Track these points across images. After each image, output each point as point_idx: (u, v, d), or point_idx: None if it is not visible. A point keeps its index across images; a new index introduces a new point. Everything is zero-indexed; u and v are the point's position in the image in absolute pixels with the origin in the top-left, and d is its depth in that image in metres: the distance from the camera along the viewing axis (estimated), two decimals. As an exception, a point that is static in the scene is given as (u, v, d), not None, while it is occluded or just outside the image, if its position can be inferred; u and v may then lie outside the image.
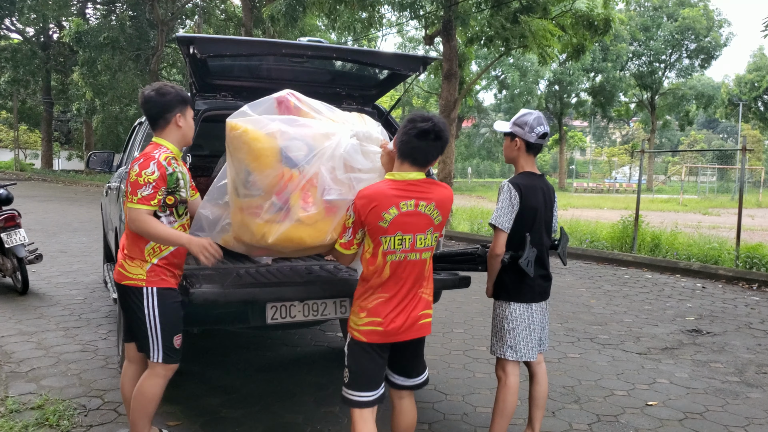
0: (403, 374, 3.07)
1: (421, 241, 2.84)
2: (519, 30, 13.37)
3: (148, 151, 3.20)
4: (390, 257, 2.81)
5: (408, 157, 2.86)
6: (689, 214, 22.12)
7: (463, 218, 15.93)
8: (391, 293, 2.84)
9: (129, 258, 3.22)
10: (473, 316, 6.87)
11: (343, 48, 4.40)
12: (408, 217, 2.80)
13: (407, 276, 2.85)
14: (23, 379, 4.60)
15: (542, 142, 3.48)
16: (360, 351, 2.91)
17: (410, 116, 2.89)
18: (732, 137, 75.48)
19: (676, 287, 8.87)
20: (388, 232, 2.78)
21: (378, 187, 2.85)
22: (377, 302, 2.85)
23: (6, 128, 51.51)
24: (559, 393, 4.62)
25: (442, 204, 2.89)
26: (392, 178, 2.88)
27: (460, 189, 39.46)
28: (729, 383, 4.95)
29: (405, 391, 3.11)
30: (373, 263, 2.84)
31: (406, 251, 2.82)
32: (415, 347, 3.05)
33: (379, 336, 2.86)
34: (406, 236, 2.80)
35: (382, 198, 2.79)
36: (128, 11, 33.14)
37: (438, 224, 2.89)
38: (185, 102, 3.28)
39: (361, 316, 2.88)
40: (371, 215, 2.78)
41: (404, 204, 2.79)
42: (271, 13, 14.64)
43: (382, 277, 2.83)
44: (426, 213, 2.84)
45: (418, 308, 2.90)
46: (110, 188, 6.24)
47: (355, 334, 2.91)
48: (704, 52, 42.91)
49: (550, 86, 45.47)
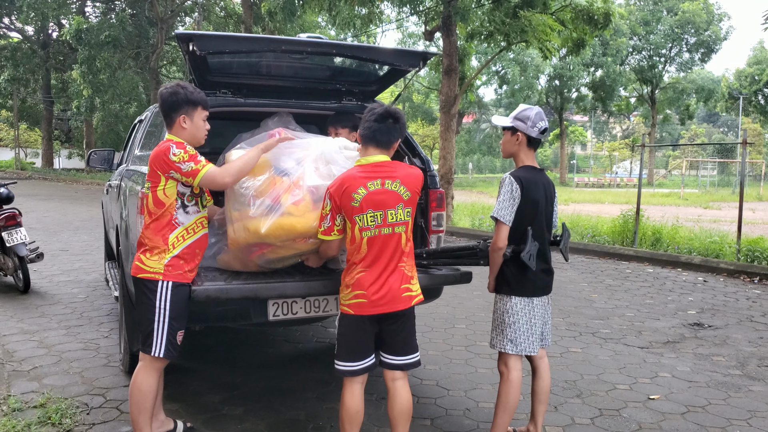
0: (392, 352, 3.21)
1: (392, 215, 3.10)
2: (519, 25, 13.34)
3: (166, 143, 3.29)
4: (365, 233, 3.08)
5: (371, 141, 3.19)
6: (690, 208, 22.13)
7: (464, 214, 15.92)
8: (370, 266, 3.09)
9: (148, 251, 3.28)
10: (475, 311, 6.87)
11: (343, 44, 4.39)
12: (376, 195, 3.08)
13: (383, 249, 3.10)
14: (25, 377, 4.60)
15: (543, 137, 3.50)
16: (347, 323, 3.17)
17: (370, 106, 3.28)
18: (732, 131, 75.42)
19: (677, 281, 8.87)
20: (360, 211, 3.07)
21: (347, 173, 3.18)
22: (359, 276, 3.10)
23: (6, 127, 51.52)
24: (561, 387, 4.62)
25: (407, 180, 3.17)
26: (359, 163, 3.21)
27: (461, 185, 39.44)
28: (731, 376, 4.95)
29: (398, 373, 3.23)
30: (353, 242, 3.12)
31: (380, 226, 3.09)
32: (403, 324, 3.21)
33: (364, 307, 3.09)
34: (377, 212, 3.08)
35: (351, 181, 3.10)
36: (128, 9, 33.12)
37: (408, 199, 3.16)
38: (192, 103, 3.33)
39: (347, 292, 3.15)
40: (344, 198, 3.08)
41: (371, 184, 3.09)
42: (270, 8, 14.62)
43: (360, 253, 3.10)
44: (393, 190, 3.12)
45: (399, 281, 3.12)
46: (111, 186, 6.23)
47: (345, 309, 3.17)
48: (704, 45, 42.89)
49: (550, 81, 45.42)
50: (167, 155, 3.19)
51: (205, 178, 3.23)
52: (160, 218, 3.26)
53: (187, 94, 3.32)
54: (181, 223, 3.30)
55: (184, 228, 3.30)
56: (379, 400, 4.23)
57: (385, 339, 3.20)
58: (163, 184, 3.25)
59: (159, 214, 3.26)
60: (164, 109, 3.35)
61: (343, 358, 3.17)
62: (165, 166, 3.21)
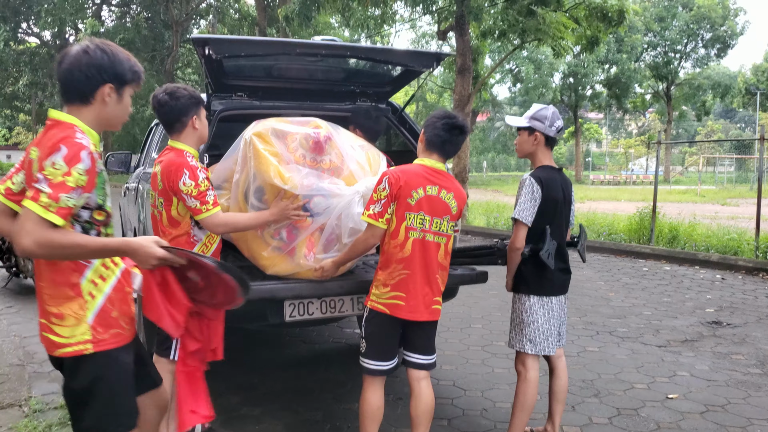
0: (418, 351, 3.22)
1: (437, 224, 3.09)
2: (533, 23, 13.30)
3: (181, 162, 3.11)
4: (412, 234, 3.06)
5: (437, 149, 3.16)
6: (707, 205, 21.92)
7: (479, 212, 15.89)
8: (413, 269, 3.06)
9: None
10: (491, 311, 6.86)
11: (357, 46, 4.42)
12: (432, 200, 3.08)
13: (425, 254, 3.08)
14: (46, 379, 4.66)
15: (559, 136, 3.51)
16: (380, 323, 3.13)
17: (438, 113, 3.23)
18: (750, 126, 74.61)
19: (695, 279, 8.81)
20: (413, 209, 3.05)
21: (411, 167, 3.15)
22: (401, 278, 3.06)
23: (24, 131, 52.11)
24: (578, 387, 4.60)
25: (458, 195, 3.18)
26: (422, 163, 3.17)
27: (476, 183, 39.34)
28: (751, 375, 4.91)
29: (422, 372, 3.23)
30: (396, 237, 3.07)
31: (425, 231, 3.07)
32: (430, 329, 3.25)
33: (401, 310, 3.07)
34: (426, 217, 3.07)
35: (415, 177, 3.08)
36: (143, 12, 33.39)
37: (454, 214, 3.15)
38: (199, 103, 3.25)
39: (385, 291, 3.10)
40: (403, 190, 3.04)
41: (430, 188, 3.08)
42: (286, 14, 14.70)
43: (404, 252, 3.06)
44: (445, 201, 3.11)
45: (432, 292, 3.13)
46: (128, 189, 6.29)
47: (379, 306, 3.11)
48: (720, 41, 42.48)
49: (564, 78, 45.20)
50: (177, 182, 3.05)
51: (202, 221, 3.10)
52: (177, 238, 3.18)
53: (191, 95, 3.22)
54: (200, 239, 3.25)
55: (203, 243, 3.26)
56: (396, 401, 4.24)
57: (412, 340, 3.20)
58: (175, 203, 3.16)
59: (175, 234, 3.18)
60: (173, 114, 3.19)
61: (372, 357, 3.16)
62: (174, 187, 3.08)
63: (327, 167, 3.52)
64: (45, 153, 2.06)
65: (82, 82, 2.17)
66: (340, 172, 3.54)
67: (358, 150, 3.69)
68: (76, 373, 2.21)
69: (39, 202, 1.98)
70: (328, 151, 3.55)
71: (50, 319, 2.18)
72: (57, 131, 2.13)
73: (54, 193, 1.99)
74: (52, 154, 2.04)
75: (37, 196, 1.99)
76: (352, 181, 3.51)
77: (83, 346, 2.18)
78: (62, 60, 2.18)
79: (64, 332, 2.17)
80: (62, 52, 2.25)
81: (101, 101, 2.21)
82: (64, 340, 2.17)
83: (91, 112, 2.21)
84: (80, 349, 2.18)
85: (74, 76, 2.17)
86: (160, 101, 3.20)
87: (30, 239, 1.97)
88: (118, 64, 2.22)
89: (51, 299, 2.18)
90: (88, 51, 2.17)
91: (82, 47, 2.19)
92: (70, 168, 2.03)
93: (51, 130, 2.15)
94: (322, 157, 3.53)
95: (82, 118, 2.19)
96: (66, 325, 2.17)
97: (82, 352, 2.18)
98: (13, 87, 40.50)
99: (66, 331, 2.17)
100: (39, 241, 1.98)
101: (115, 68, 2.21)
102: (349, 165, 3.57)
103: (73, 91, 2.19)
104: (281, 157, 3.39)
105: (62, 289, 2.17)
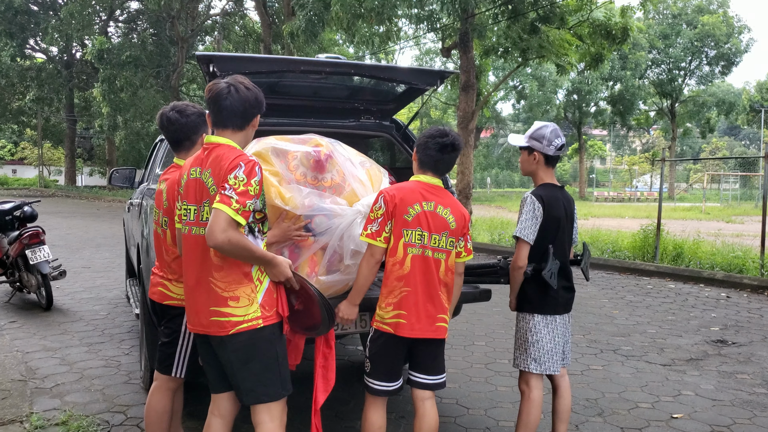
0: (423, 372, 3.20)
1: (435, 240, 3.10)
2: (536, 40, 13.37)
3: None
4: (410, 250, 3.06)
5: (431, 168, 3.19)
6: (712, 222, 21.87)
7: (483, 228, 15.86)
8: (413, 286, 3.06)
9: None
10: (495, 328, 6.83)
11: (361, 64, 4.44)
12: (429, 216, 3.09)
13: (425, 271, 3.08)
14: (47, 395, 4.65)
15: (560, 153, 3.50)
16: (384, 343, 3.14)
17: (430, 132, 3.22)
18: (754, 144, 74.59)
19: (699, 297, 8.76)
20: (410, 225, 3.07)
21: (406, 185, 3.18)
22: (402, 295, 3.07)
23: (30, 146, 52.39)
24: (582, 406, 4.57)
25: (456, 211, 3.17)
26: (418, 179, 3.20)
27: (479, 199, 39.34)
28: (756, 395, 4.87)
29: (426, 393, 3.21)
30: (394, 254, 3.08)
31: (424, 246, 3.08)
32: (435, 348, 3.21)
33: (404, 329, 3.07)
34: (424, 233, 3.08)
35: (410, 194, 3.11)
36: (149, 29, 33.66)
37: (453, 230, 3.14)
38: (206, 120, 3.25)
39: (388, 310, 3.11)
40: (399, 207, 3.06)
41: (426, 204, 3.10)
42: (291, 30, 14.80)
43: (404, 269, 3.07)
44: (443, 216, 3.12)
45: (438, 309, 3.11)
46: (132, 204, 6.30)
47: (384, 327, 3.12)
48: (724, 58, 42.56)
49: (568, 95, 45.31)
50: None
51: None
52: (179, 258, 2.96)
53: (199, 112, 3.26)
54: None
55: None
56: (398, 419, 4.21)
57: (417, 359, 3.20)
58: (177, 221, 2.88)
59: (179, 254, 2.98)
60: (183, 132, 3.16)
61: (377, 377, 3.18)
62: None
63: (328, 185, 3.51)
64: (226, 169, 2.56)
65: (246, 113, 2.72)
66: (342, 190, 3.53)
67: (359, 167, 3.68)
68: (249, 343, 2.68)
69: (231, 207, 2.49)
70: (329, 169, 3.53)
71: (226, 302, 2.64)
72: (225, 151, 2.64)
73: (241, 200, 2.51)
74: (234, 170, 2.55)
75: (229, 202, 2.49)
76: (354, 198, 3.50)
77: (256, 321, 2.67)
78: (229, 93, 2.66)
79: (239, 312, 2.65)
80: (220, 86, 2.68)
81: (251, 128, 2.80)
82: (239, 318, 2.65)
83: (241, 136, 2.76)
84: (254, 324, 2.66)
85: (240, 108, 2.70)
86: (170, 119, 3.19)
87: (225, 236, 2.47)
88: (263, 99, 2.78)
89: (227, 285, 2.65)
90: (249, 88, 2.72)
91: (243, 84, 2.71)
92: (250, 180, 2.55)
93: (214, 151, 2.66)
94: (323, 176, 3.51)
95: (235, 140, 2.72)
96: (241, 306, 2.64)
97: (255, 326, 2.67)
98: (19, 102, 40.83)
99: (241, 311, 2.65)
100: (231, 239, 2.48)
101: (262, 103, 2.77)
102: (350, 182, 3.56)
103: (234, 119, 2.71)
104: (281, 176, 3.37)
105: (238, 276, 2.64)
